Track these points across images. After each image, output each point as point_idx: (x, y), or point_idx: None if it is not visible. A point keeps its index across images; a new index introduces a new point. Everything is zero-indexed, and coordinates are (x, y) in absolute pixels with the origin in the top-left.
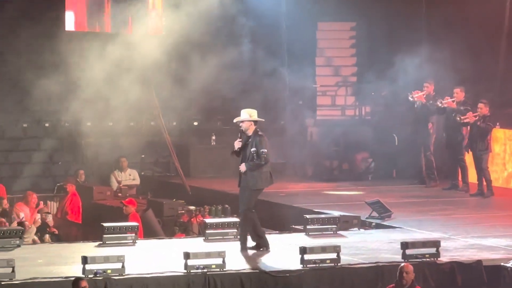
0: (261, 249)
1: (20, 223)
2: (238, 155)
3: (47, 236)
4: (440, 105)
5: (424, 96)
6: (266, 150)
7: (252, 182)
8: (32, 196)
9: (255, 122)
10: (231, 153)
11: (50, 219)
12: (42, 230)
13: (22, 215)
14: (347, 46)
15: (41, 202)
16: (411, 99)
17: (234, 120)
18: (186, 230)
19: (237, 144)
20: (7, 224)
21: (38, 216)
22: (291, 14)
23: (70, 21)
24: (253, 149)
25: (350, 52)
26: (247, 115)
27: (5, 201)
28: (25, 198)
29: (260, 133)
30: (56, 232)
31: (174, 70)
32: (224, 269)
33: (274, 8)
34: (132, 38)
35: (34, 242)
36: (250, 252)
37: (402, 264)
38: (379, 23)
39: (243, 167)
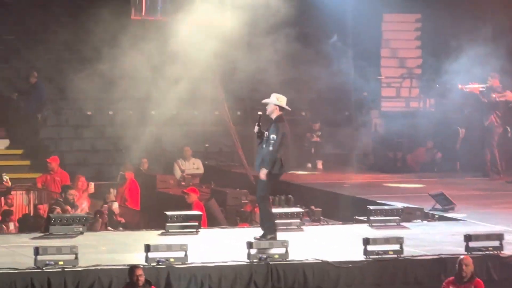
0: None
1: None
2: (260, 138)
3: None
4: (494, 98)
5: (484, 88)
6: (275, 137)
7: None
8: (80, 179)
9: (281, 108)
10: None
11: (116, 207)
12: (108, 217)
13: (84, 204)
14: (412, 38)
15: (91, 183)
16: (463, 89)
17: (262, 101)
18: (248, 220)
19: (256, 130)
20: (72, 211)
21: (106, 207)
22: (357, 6)
23: (136, 8)
24: (267, 133)
25: (415, 44)
26: (275, 99)
27: (72, 191)
28: (74, 182)
29: (279, 120)
30: (123, 221)
31: (239, 59)
32: (287, 259)
33: None
34: (197, 27)
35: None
36: (313, 242)
37: (462, 257)
38: (444, 15)
39: (262, 175)
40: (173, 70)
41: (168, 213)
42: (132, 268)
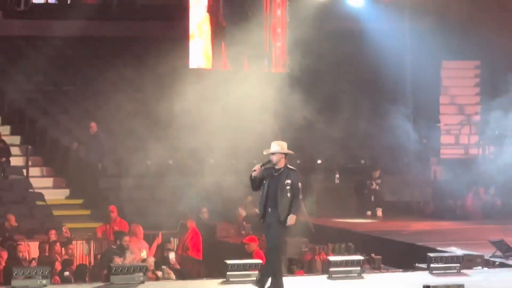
0: None
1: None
2: (257, 187)
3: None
4: None
5: None
6: (300, 185)
7: (284, 217)
8: (139, 228)
9: (286, 155)
10: (250, 177)
11: (172, 257)
12: (163, 266)
13: (143, 252)
14: (471, 84)
15: (160, 233)
16: None
17: (264, 152)
18: (307, 268)
19: (257, 169)
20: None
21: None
22: (416, 52)
23: (193, 59)
24: (288, 180)
25: (474, 90)
26: (278, 147)
27: (127, 238)
28: (132, 231)
29: (291, 167)
30: (178, 267)
31: (298, 108)
32: None
33: (398, 46)
34: (254, 76)
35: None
36: None
37: None
38: (503, 62)
39: (292, 220)
40: (232, 118)
41: (229, 262)
42: None
